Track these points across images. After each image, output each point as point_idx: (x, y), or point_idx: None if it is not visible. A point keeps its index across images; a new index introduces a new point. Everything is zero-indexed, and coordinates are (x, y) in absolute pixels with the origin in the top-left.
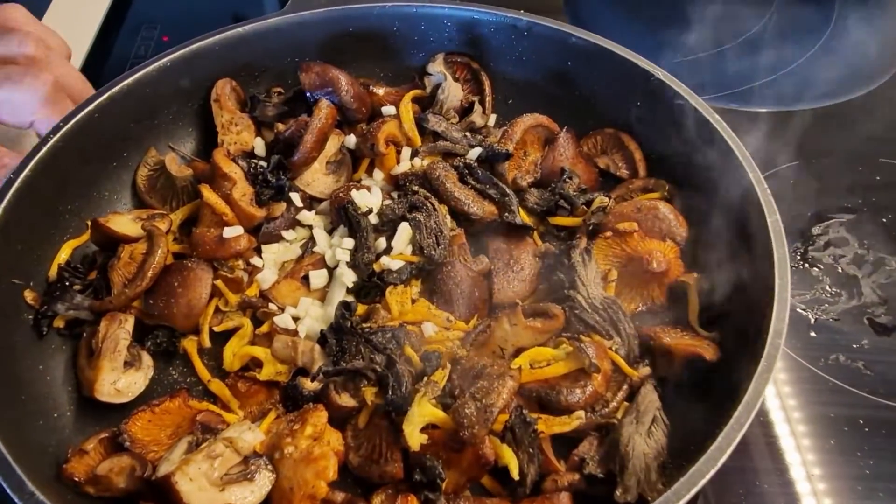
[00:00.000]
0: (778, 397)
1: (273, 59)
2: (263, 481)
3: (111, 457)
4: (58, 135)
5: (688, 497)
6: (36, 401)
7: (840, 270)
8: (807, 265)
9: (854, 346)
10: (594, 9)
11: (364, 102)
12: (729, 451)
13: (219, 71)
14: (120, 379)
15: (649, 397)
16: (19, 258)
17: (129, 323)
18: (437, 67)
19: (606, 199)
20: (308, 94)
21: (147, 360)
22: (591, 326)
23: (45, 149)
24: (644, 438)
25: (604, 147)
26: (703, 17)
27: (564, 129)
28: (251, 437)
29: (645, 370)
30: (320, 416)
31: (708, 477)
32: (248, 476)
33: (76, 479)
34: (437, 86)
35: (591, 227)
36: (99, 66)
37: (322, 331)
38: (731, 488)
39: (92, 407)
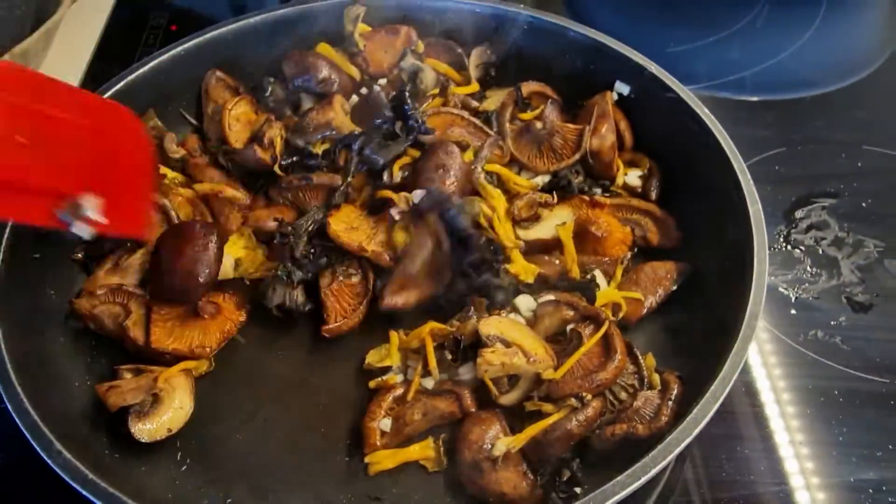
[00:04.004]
0: (765, 373)
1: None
2: None
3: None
4: None
5: (664, 463)
6: (56, 370)
7: (821, 252)
8: (789, 247)
9: (832, 322)
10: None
11: (344, 92)
12: (705, 421)
13: (231, 60)
14: None
15: None
16: (40, 235)
17: None
18: (409, 60)
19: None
20: (288, 84)
21: None
22: None
23: None
24: None
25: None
26: (697, 7)
27: (549, 102)
28: None
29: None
30: None
31: (684, 444)
32: None
33: (81, 313)
34: (414, 74)
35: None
36: (110, 54)
37: None
38: (716, 453)
39: (106, 377)
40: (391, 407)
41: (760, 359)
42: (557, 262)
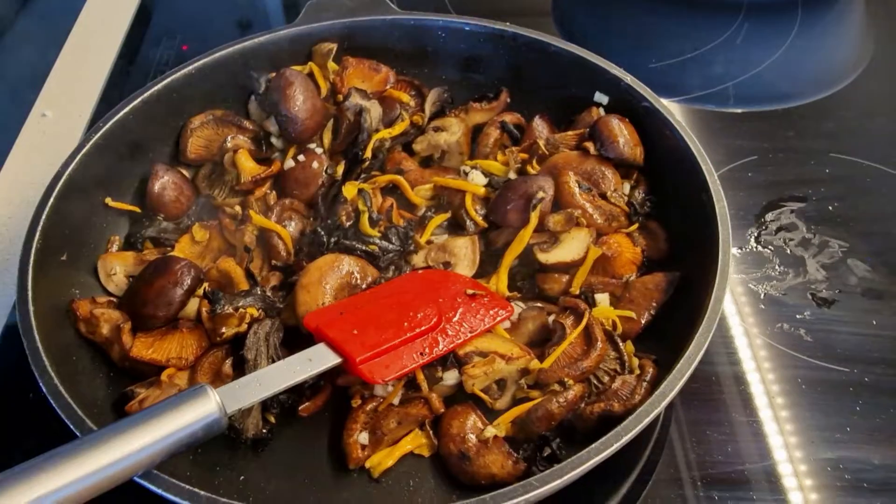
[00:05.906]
0: (734, 363)
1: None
2: None
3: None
4: (98, 134)
5: (635, 431)
6: (83, 363)
7: (788, 252)
8: (760, 247)
9: (797, 316)
10: (579, 17)
11: (302, 126)
12: (672, 394)
13: (239, 78)
14: None
15: None
16: (64, 240)
17: None
18: (353, 101)
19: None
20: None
21: None
22: None
23: (87, 146)
24: None
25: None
26: (680, 24)
27: (538, 116)
28: None
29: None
30: None
31: (653, 415)
32: None
33: (77, 313)
34: (358, 113)
35: None
36: (126, 73)
37: None
38: (686, 437)
39: (127, 369)
40: (366, 421)
41: (729, 349)
42: (565, 278)
